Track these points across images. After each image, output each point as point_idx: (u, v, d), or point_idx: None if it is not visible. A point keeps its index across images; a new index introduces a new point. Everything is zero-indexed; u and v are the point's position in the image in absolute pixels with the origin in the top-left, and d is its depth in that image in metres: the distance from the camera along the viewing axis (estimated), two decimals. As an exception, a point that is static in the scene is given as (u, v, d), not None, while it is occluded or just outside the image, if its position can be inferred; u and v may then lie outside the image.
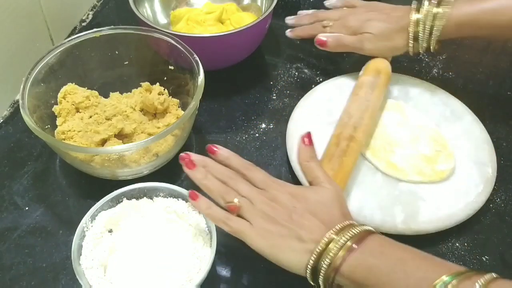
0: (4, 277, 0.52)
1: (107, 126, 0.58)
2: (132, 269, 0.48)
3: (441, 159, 0.59)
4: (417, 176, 0.58)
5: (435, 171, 0.58)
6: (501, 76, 0.76)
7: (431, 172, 0.58)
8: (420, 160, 0.59)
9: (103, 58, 0.64)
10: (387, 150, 0.60)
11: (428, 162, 0.59)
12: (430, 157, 0.60)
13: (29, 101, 0.55)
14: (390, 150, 0.60)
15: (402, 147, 0.61)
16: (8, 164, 0.62)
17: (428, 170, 0.58)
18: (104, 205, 0.50)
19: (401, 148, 0.60)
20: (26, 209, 0.58)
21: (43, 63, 0.58)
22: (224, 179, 0.48)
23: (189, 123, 0.59)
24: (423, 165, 0.59)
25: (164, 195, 0.52)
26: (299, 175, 0.59)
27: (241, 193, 0.46)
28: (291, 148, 0.61)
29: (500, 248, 0.56)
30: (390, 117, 0.64)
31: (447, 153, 0.60)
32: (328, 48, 0.67)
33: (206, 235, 0.49)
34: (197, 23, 0.73)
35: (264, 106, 0.70)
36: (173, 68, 0.64)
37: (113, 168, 0.55)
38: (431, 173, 0.58)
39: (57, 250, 0.54)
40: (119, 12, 0.85)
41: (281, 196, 0.46)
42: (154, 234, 0.50)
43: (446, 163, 0.59)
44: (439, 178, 0.58)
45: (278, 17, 0.80)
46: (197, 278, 0.46)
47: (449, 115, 0.65)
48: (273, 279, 0.53)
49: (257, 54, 0.77)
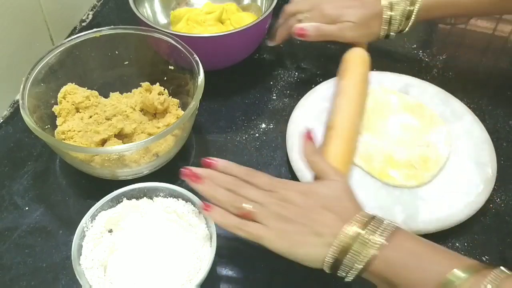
0: (4, 277, 0.52)
1: (107, 126, 0.58)
2: (132, 269, 0.48)
3: (432, 155, 0.60)
4: (411, 181, 0.58)
5: (427, 170, 0.59)
6: (501, 76, 0.76)
7: (423, 172, 0.58)
8: (411, 163, 0.59)
9: (103, 58, 0.64)
10: (379, 161, 0.60)
11: (421, 163, 0.59)
12: (421, 158, 0.60)
13: (29, 101, 0.55)
14: (382, 161, 0.59)
15: (392, 152, 0.60)
16: (8, 164, 0.62)
17: (420, 172, 0.58)
18: (104, 205, 0.50)
19: (391, 154, 0.60)
20: (26, 209, 0.58)
21: (43, 63, 0.58)
22: (231, 187, 0.48)
23: (189, 123, 0.59)
24: (414, 170, 0.59)
25: (164, 195, 0.52)
26: (299, 175, 0.59)
27: (251, 198, 0.46)
28: (291, 148, 0.61)
29: (500, 248, 0.56)
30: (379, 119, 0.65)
31: (434, 147, 0.61)
32: (309, 38, 0.66)
33: (206, 235, 0.49)
34: (197, 23, 0.73)
35: (264, 106, 0.71)
36: (173, 68, 0.64)
37: (113, 168, 0.55)
38: (423, 174, 0.58)
39: (57, 250, 0.54)
40: (119, 12, 0.85)
41: (290, 195, 0.46)
42: (154, 234, 0.50)
43: (437, 158, 0.60)
44: (431, 174, 0.58)
45: (278, 17, 0.80)
46: (197, 278, 0.46)
47: (449, 115, 0.65)
48: (273, 279, 0.53)
49: (257, 54, 0.78)
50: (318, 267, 0.44)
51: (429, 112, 0.64)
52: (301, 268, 0.54)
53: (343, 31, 0.65)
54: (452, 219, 0.55)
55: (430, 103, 0.66)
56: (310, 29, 0.66)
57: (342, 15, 0.65)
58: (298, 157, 0.60)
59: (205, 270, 0.46)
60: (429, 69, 0.76)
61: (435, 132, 0.62)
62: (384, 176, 0.58)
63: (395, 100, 0.66)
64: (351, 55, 0.66)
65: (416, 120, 0.63)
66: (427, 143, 0.61)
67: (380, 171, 0.59)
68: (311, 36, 0.66)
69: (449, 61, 0.77)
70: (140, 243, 0.49)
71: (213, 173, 0.49)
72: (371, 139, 0.62)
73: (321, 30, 0.66)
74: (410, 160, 0.59)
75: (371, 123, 0.63)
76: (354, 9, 0.65)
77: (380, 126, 0.63)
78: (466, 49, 0.79)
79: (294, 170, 0.60)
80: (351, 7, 0.65)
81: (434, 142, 0.61)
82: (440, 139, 0.61)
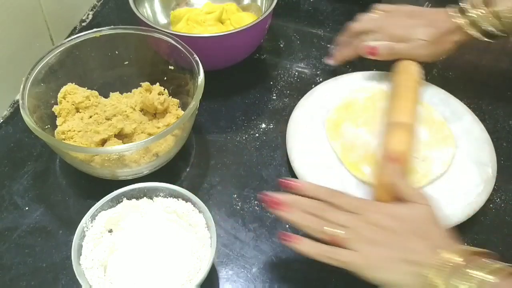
0: (4, 277, 0.52)
1: (107, 126, 0.58)
2: (132, 269, 0.48)
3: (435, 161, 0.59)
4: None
5: (428, 171, 0.58)
6: (501, 76, 0.76)
7: (423, 174, 0.58)
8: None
9: (103, 58, 0.64)
10: (358, 154, 0.59)
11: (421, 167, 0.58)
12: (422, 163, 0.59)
13: (29, 101, 0.55)
14: (361, 155, 0.59)
15: (377, 151, 0.60)
16: (8, 164, 0.62)
17: (419, 175, 0.58)
18: (104, 205, 0.50)
19: (375, 152, 0.59)
20: (26, 209, 0.58)
21: (43, 63, 0.58)
22: (315, 212, 0.46)
23: (189, 123, 0.59)
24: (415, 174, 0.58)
25: (164, 195, 0.52)
26: (299, 175, 0.59)
27: (339, 222, 0.45)
28: (291, 148, 0.61)
29: (500, 248, 0.56)
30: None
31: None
32: (379, 56, 0.66)
33: (206, 235, 0.49)
34: (197, 23, 0.73)
35: (264, 106, 0.70)
36: (173, 68, 0.64)
37: (113, 168, 0.55)
38: (423, 176, 0.58)
39: (57, 250, 0.54)
40: (119, 12, 0.85)
41: (379, 218, 0.45)
42: (154, 234, 0.50)
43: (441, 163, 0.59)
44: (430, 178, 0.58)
45: (278, 17, 0.80)
46: (197, 278, 0.46)
47: (449, 115, 0.65)
48: (273, 278, 0.53)
49: (257, 54, 0.78)
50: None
51: (447, 132, 0.62)
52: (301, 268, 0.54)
53: (416, 49, 0.64)
54: (452, 219, 0.55)
55: (430, 103, 0.66)
56: (381, 48, 0.65)
57: (412, 33, 0.64)
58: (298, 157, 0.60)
59: (205, 270, 0.46)
60: (429, 69, 0.76)
61: (440, 151, 0.60)
62: (354, 168, 0.58)
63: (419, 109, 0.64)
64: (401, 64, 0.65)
65: (427, 133, 0.62)
66: (424, 157, 0.59)
67: (353, 162, 0.59)
68: (382, 55, 0.66)
69: (449, 61, 0.77)
70: (140, 243, 0.49)
71: (295, 198, 0.48)
72: (364, 133, 0.61)
73: (393, 49, 0.65)
74: None
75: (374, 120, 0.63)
76: (424, 28, 0.64)
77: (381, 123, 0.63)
78: (466, 49, 0.79)
79: (294, 170, 0.60)
80: (420, 26, 0.64)
81: (432, 158, 0.59)
82: (441, 158, 0.59)
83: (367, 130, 0.62)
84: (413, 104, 0.60)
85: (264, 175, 0.62)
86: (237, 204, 0.59)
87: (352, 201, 0.48)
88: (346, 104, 0.66)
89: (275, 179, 0.61)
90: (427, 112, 0.64)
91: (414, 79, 0.63)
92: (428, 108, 0.65)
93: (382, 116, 0.62)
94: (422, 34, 0.64)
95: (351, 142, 0.60)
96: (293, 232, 0.49)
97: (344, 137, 0.61)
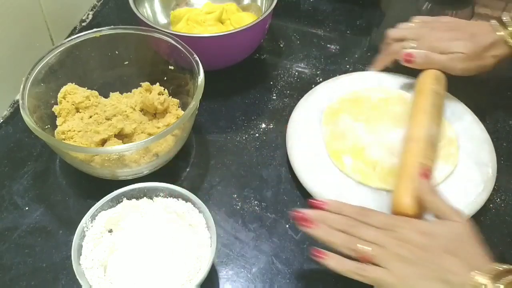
0: (4, 277, 0.52)
1: (107, 126, 0.58)
2: (132, 269, 0.48)
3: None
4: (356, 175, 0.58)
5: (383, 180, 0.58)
6: (501, 76, 0.76)
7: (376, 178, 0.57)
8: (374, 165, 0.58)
9: (103, 58, 0.64)
10: (345, 144, 0.59)
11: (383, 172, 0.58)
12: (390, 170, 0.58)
13: (29, 101, 0.55)
14: (349, 146, 0.59)
15: (367, 146, 0.60)
16: (8, 164, 0.62)
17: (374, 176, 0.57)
18: (104, 205, 0.50)
19: (364, 147, 0.60)
20: (26, 209, 0.58)
21: (43, 63, 0.58)
22: (345, 228, 0.46)
23: (189, 123, 0.59)
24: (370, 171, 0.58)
25: (164, 195, 0.52)
26: (299, 175, 0.59)
27: (368, 239, 0.45)
28: (291, 148, 0.61)
29: (500, 248, 0.56)
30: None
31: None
32: (415, 65, 0.65)
33: (206, 235, 0.49)
34: (197, 23, 0.73)
35: (264, 106, 0.71)
36: (173, 68, 0.64)
37: (113, 168, 0.55)
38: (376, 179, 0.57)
39: (57, 250, 0.54)
40: (119, 12, 0.85)
41: (410, 235, 0.44)
42: (154, 234, 0.50)
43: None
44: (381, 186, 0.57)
45: (278, 17, 0.80)
46: (197, 278, 0.46)
47: (449, 115, 0.65)
48: (273, 278, 0.53)
49: (257, 54, 0.78)
50: None
51: (454, 150, 0.60)
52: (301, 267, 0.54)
53: (454, 62, 0.63)
54: (452, 219, 0.55)
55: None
56: (418, 56, 0.64)
57: (451, 46, 0.63)
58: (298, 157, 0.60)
59: (205, 270, 0.46)
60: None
61: (436, 166, 0.58)
62: (335, 156, 0.58)
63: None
64: (427, 73, 0.64)
65: None
66: None
67: (336, 150, 0.59)
68: (419, 64, 0.65)
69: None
70: (140, 243, 0.49)
71: (325, 215, 0.47)
72: (360, 128, 0.61)
73: (430, 58, 0.64)
74: (377, 162, 0.58)
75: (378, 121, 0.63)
76: (464, 42, 0.63)
77: (385, 125, 0.63)
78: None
79: (294, 170, 0.60)
80: (460, 39, 0.63)
81: None
82: (436, 171, 0.58)
83: (365, 126, 0.62)
84: (432, 117, 0.59)
85: (264, 175, 0.62)
86: (237, 204, 0.59)
87: (383, 218, 0.47)
88: (355, 98, 0.66)
89: (275, 179, 0.61)
90: (442, 126, 0.62)
91: (439, 92, 0.62)
92: (443, 122, 0.63)
93: (397, 123, 0.62)
94: (461, 47, 0.62)
95: (342, 132, 0.60)
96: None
97: (337, 125, 0.61)
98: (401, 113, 0.63)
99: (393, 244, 0.44)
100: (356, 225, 0.46)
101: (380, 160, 0.59)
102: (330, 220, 0.47)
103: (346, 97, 0.66)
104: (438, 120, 0.60)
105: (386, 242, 0.44)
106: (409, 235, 0.44)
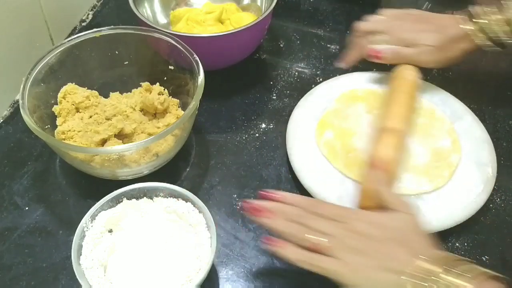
0: (4, 277, 0.52)
1: (107, 126, 0.58)
2: (132, 269, 0.48)
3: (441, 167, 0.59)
4: (337, 163, 0.58)
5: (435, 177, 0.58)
6: (501, 76, 0.76)
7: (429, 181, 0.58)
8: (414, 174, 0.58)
9: (103, 58, 0.64)
10: (337, 134, 0.60)
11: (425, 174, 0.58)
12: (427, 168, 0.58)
13: (29, 101, 0.55)
14: (341, 142, 0.60)
15: (361, 144, 0.60)
16: (8, 164, 0.62)
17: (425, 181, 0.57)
18: (104, 205, 0.50)
19: (356, 143, 0.60)
20: (26, 209, 0.58)
21: (43, 63, 0.58)
22: (298, 219, 0.46)
23: (189, 123, 0.59)
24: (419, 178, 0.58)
25: (164, 195, 0.52)
26: (299, 175, 0.59)
27: (322, 230, 0.45)
28: (291, 148, 0.61)
29: (500, 248, 0.56)
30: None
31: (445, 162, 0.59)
32: (383, 60, 0.65)
33: (206, 235, 0.49)
34: (197, 23, 0.73)
35: (264, 106, 0.71)
36: (173, 68, 0.64)
37: (113, 168, 0.55)
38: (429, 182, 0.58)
39: (57, 250, 0.54)
40: (119, 12, 0.85)
41: (362, 226, 0.45)
42: (154, 234, 0.50)
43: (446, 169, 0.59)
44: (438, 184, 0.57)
45: (278, 17, 0.80)
46: (197, 278, 0.46)
47: (449, 115, 0.65)
48: (273, 278, 0.53)
49: (257, 54, 0.78)
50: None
51: (456, 163, 0.59)
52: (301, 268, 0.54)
53: (422, 55, 0.63)
54: (452, 219, 0.55)
55: (430, 103, 0.66)
56: (386, 52, 0.64)
57: (418, 39, 0.63)
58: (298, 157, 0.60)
59: (205, 270, 0.46)
60: (429, 69, 0.76)
61: (431, 174, 0.58)
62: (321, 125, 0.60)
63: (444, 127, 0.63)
64: (401, 69, 0.64)
65: (428, 156, 0.59)
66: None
67: (326, 122, 0.60)
68: (387, 59, 0.65)
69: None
70: (140, 243, 0.49)
71: (277, 206, 0.47)
72: (368, 118, 0.62)
73: (399, 53, 0.64)
74: (355, 150, 0.59)
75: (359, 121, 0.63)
76: (431, 33, 0.63)
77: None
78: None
79: (294, 170, 0.60)
80: (427, 31, 0.63)
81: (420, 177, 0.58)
82: (436, 171, 0.58)
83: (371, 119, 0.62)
84: (406, 110, 0.59)
85: (264, 175, 0.62)
86: (237, 204, 0.59)
87: (334, 209, 0.48)
88: (372, 91, 0.66)
89: (275, 179, 0.61)
90: (452, 140, 0.62)
91: (410, 85, 0.62)
92: (452, 135, 0.62)
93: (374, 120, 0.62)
94: (429, 39, 0.63)
95: (347, 114, 0.61)
96: None
97: (347, 108, 0.61)
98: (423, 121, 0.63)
99: (345, 235, 0.45)
100: (309, 217, 0.46)
101: (360, 150, 0.59)
102: (281, 211, 0.47)
103: (360, 89, 0.66)
104: (411, 111, 0.60)
105: (339, 233, 0.45)
106: (360, 226, 0.45)
